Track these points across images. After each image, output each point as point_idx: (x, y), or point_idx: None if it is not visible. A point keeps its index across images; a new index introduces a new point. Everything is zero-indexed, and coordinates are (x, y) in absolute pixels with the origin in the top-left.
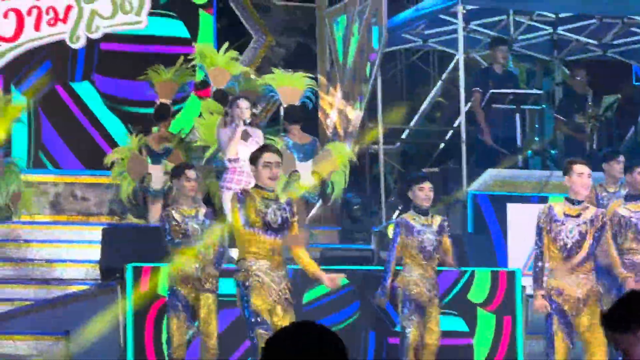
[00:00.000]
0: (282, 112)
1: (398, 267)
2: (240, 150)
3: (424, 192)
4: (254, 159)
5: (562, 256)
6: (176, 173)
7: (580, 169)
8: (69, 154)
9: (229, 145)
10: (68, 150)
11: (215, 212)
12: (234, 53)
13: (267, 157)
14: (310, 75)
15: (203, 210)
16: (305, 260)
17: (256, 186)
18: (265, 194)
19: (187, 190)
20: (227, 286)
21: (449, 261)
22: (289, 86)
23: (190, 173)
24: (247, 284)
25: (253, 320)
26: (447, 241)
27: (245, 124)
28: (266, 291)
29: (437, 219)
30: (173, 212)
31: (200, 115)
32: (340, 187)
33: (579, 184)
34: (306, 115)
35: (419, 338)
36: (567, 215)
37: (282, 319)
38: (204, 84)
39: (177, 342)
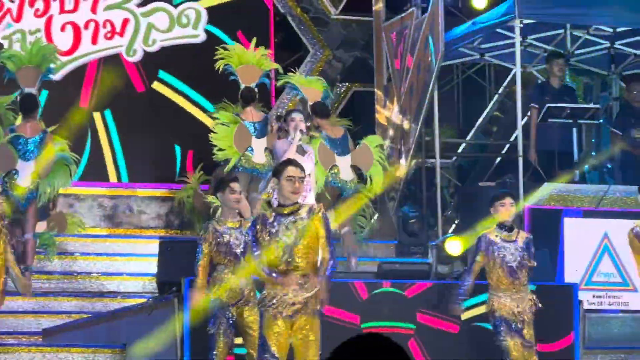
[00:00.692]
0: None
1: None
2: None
3: (505, 208)
4: (277, 172)
5: None
6: (221, 187)
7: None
8: (126, 167)
9: (286, 157)
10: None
11: None
12: (263, 50)
13: (291, 171)
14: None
15: (248, 223)
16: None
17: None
18: (282, 210)
19: (232, 203)
20: None
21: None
22: (310, 87)
23: (235, 185)
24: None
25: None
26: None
27: (301, 136)
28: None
29: (523, 237)
30: (215, 224)
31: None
32: (379, 180)
33: None
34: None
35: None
36: None
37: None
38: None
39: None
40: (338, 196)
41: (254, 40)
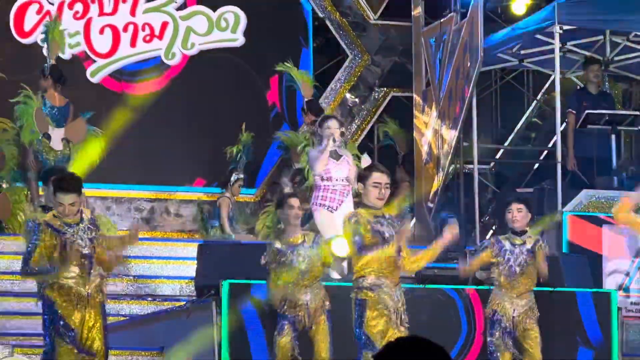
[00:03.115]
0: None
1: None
2: (332, 169)
3: (511, 214)
4: (363, 177)
5: None
6: (280, 203)
7: None
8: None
9: (318, 163)
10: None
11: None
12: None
13: (377, 177)
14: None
15: (312, 235)
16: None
17: (364, 205)
18: (376, 212)
19: (291, 219)
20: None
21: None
22: (304, 81)
23: (293, 201)
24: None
25: (364, 340)
26: (540, 254)
27: (334, 142)
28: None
29: (532, 239)
30: (277, 244)
31: None
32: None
33: None
34: None
35: None
36: None
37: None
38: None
39: None
40: None
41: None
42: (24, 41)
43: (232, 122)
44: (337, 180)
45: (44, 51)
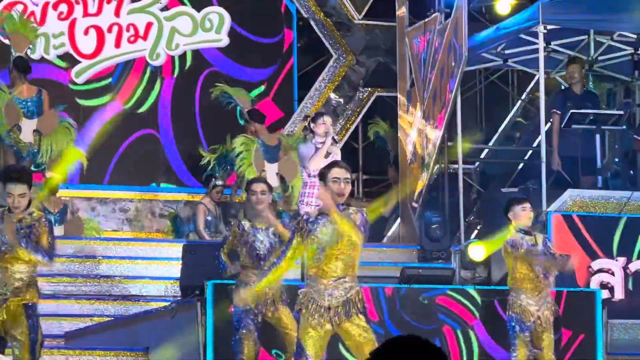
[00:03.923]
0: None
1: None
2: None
3: (526, 212)
4: (322, 175)
5: None
6: (245, 188)
7: None
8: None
9: (313, 160)
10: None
11: None
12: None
13: (336, 172)
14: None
15: (278, 225)
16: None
17: None
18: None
19: (254, 204)
20: None
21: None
22: (240, 96)
23: (255, 186)
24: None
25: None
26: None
27: (330, 139)
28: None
29: (540, 237)
30: (243, 222)
31: None
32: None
33: None
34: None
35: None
36: None
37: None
38: None
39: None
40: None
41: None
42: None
43: (216, 125)
44: None
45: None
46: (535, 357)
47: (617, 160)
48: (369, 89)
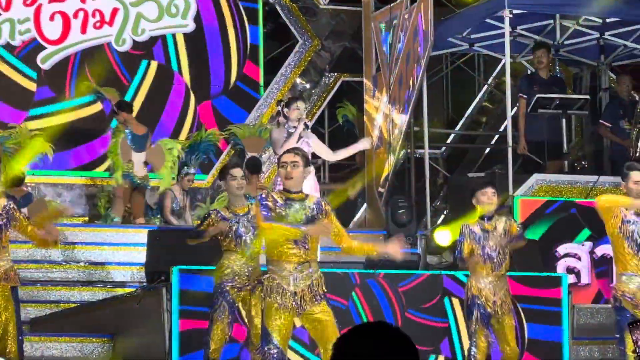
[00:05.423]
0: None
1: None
2: None
3: (486, 197)
4: (278, 162)
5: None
6: (222, 175)
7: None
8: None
9: (285, 145)
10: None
11: None
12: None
13: (284, 157)
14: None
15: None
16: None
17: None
18: (289, 195)
19: (234, 189)
20: None
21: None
22: (106, 92)
23: (235, 171)
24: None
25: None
26: (514, 227)
27: (302, 124)
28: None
29: (502, 222)
30: (223, 211)
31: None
32: (167, 181)
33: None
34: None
35: (486, 349)
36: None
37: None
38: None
39: (217, 345)
40: None
41: None
42: None
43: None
44: None
45: None
46: (496, 341)
47: (582, 145)
48: (335, 74)
